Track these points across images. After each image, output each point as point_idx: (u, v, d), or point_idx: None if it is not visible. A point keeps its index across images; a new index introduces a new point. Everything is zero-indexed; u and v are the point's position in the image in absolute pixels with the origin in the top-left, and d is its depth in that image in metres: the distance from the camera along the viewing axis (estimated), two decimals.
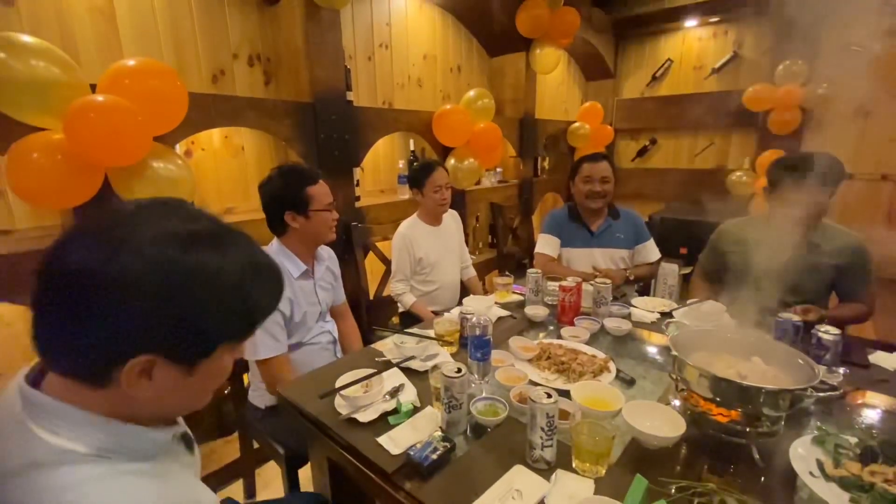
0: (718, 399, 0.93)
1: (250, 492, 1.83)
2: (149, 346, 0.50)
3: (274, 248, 1.47)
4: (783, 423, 0.92)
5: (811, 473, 0.81)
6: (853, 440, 0.87)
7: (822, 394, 0.94)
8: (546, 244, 2.20)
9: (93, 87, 1.32)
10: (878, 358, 1.31)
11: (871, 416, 1.06)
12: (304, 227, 1.43)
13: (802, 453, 0.85)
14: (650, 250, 2.13)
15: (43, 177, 1.24)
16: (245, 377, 1.63)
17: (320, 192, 1.44)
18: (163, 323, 0.50)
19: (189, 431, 0.67)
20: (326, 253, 1.65)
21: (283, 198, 1.41)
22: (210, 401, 0.62)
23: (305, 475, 1.34)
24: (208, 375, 0.58)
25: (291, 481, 1.42)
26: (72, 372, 0.51)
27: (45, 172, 1.24)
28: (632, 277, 2.00)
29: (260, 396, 1.53)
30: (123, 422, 0.53)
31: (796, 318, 1.27)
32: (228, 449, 1.93)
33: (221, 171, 2.06)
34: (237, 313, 0.56)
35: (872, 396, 1.13)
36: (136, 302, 0.48)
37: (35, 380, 0.54)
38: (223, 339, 0.56)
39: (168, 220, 0.52)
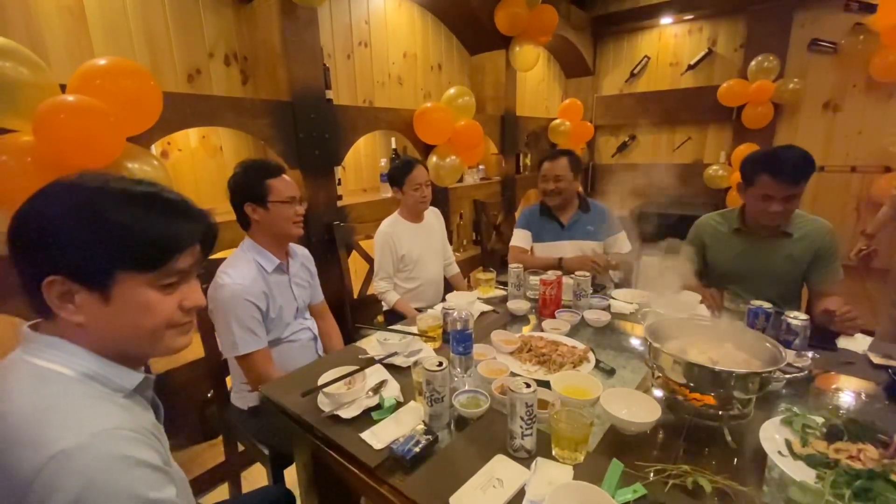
0: (692, 384, 0.96)
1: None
2: (51, 269, 0.58)
3: (246, 245, 1.46)
4: (753, 405, 0.95)
5: (780, 453, 0.84)
6: (820, 420, 0.90)
7: (789, 376, 0.97)
8: (519, 238, 2.25)
9: (63, 88, 1.29)
10: (846, 341, 1.36)
11: (837, 396, 1.10)
12: (264, 219, 1.42)
13: (772, 434, 0.88)
14: (622, 242, 2.16)
15: (12, 180, 1.21)
16: (228, 380, 1.62)
17: (280, 184, 1.42)
18: (54, 248, 0.58)
19: (158, 400, 0.75)
20: (300, 250, 1.64)
21: (242, 188, 1.41)
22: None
23: (292, 475, 1.34)
24: (130, 307, 0.63)
25: (277, 482, 1.41)
26: (31, 305, 0.61)
27: (14, 176, 1.21)
28: (614, 262, 2.03)
29: (242, 398, 1.52)
30: (97, 355, 0.62)
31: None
32: (213, 453, 1.91)
33: (199, 172, 2.03)
34: (128, 241, 0.61)
35: (839, 378, 1.17)
36: (30, 233, 0.59)
37: (35, 327, 0.64)
38: (119, 265, 0.61)
39: (83, 177, 0.62)
